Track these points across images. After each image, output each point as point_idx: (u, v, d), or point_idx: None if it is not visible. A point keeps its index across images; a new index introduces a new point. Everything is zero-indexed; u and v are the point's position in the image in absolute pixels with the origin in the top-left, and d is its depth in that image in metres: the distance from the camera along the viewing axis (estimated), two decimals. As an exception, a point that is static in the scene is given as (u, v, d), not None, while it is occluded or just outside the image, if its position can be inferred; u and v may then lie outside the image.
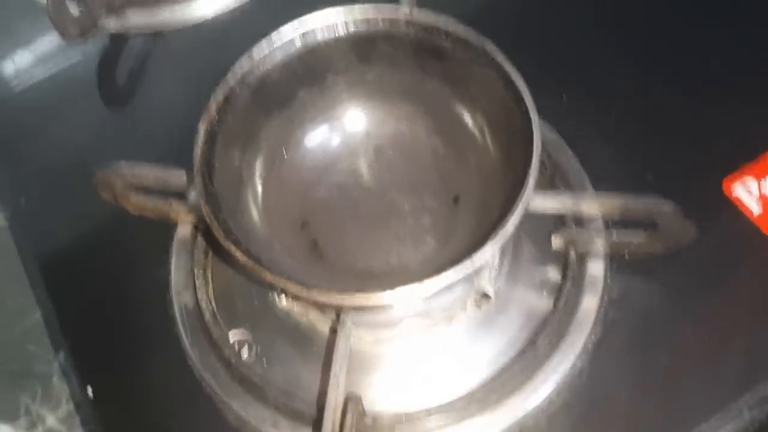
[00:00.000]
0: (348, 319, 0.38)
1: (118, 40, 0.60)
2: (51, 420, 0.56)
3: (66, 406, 0.56)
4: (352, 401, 0.37)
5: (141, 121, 0.57)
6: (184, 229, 0.48)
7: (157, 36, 0.61)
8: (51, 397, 0.56)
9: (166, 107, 0.57)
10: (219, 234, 0.36)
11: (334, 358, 0.37)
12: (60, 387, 0.57)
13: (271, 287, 0.44)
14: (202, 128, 0.39)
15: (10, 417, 0.56)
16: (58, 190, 0.53)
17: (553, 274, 0.44)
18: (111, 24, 0.59)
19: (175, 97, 0.58)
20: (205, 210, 0.36)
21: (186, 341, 0.44)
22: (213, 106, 0.39)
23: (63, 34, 0.53)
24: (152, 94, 0.58)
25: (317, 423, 0.38)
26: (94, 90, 0.59)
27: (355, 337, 0.40)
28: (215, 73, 0.56)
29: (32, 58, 0.62)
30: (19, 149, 0.56)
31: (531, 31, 0.55)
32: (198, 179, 0.37)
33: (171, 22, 0.60)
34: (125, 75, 0.59)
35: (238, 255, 0.35)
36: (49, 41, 0.62)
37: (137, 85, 0.59)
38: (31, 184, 0.54)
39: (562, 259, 0.44)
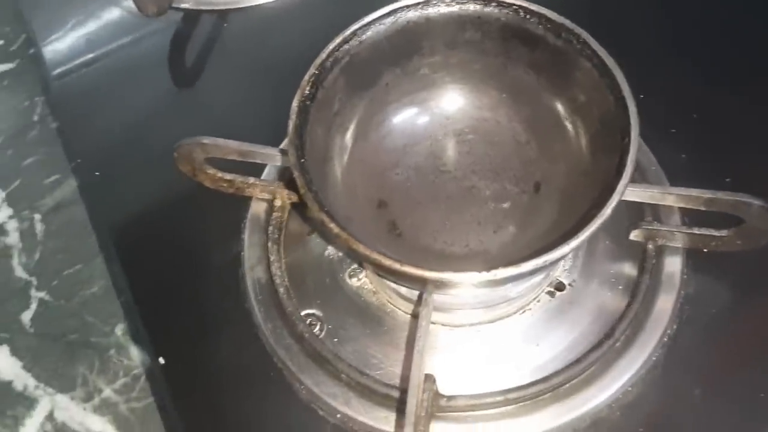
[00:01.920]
0: (431, 299, 0.38)
1: (190, 19, 0.61)
2: (107, 391, 0.56)
3: (123, 378, 0.56)
4: (427, 381, 0.37)
5: (208, 98, 0.57)
6: (258, 205, 0.48)
7: (227, 16, 0.61)
8: (108, 368, 0.57)
9: (232, 86, 0.58)
10: (313, 206, 0.36)
11: (417, 336, 0.37)
12: (117, 359, 0.57)
13: (356, 261, 0.44)
14: (296, 102, 0.39)
15: (67, 387, 0.57)
16: (130, 162, 0.53)
17: (629, 268, 0.44)
18: (185, 2, 0.61)
19: (241, 76, 0.58)
20: (300, 182, 0.37)
21: (258, 316, 0.44)
22: (306, 81, 0.40)
23: (141, 9, 0.54)
24: (219, 73, 0.59)
25: (401, 400, 0.38)
26: (162, 64, 0.60)
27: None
28: (281, 54, 0.57)
29: (101, 29, 0.62)
30: (92, 121, 0.56)
31: (608, 28, 0.54)
32: (292, 151, 0.38)
33: (241, 3, 0.61)
34: (194, 54, 0.60)
35: (332, 227, 0.35)
36: (117, 12, 0.63)
37: (205, 63, 0.60)
38: (103, 156, 0.54)
39: (638, 254, 0.44)
